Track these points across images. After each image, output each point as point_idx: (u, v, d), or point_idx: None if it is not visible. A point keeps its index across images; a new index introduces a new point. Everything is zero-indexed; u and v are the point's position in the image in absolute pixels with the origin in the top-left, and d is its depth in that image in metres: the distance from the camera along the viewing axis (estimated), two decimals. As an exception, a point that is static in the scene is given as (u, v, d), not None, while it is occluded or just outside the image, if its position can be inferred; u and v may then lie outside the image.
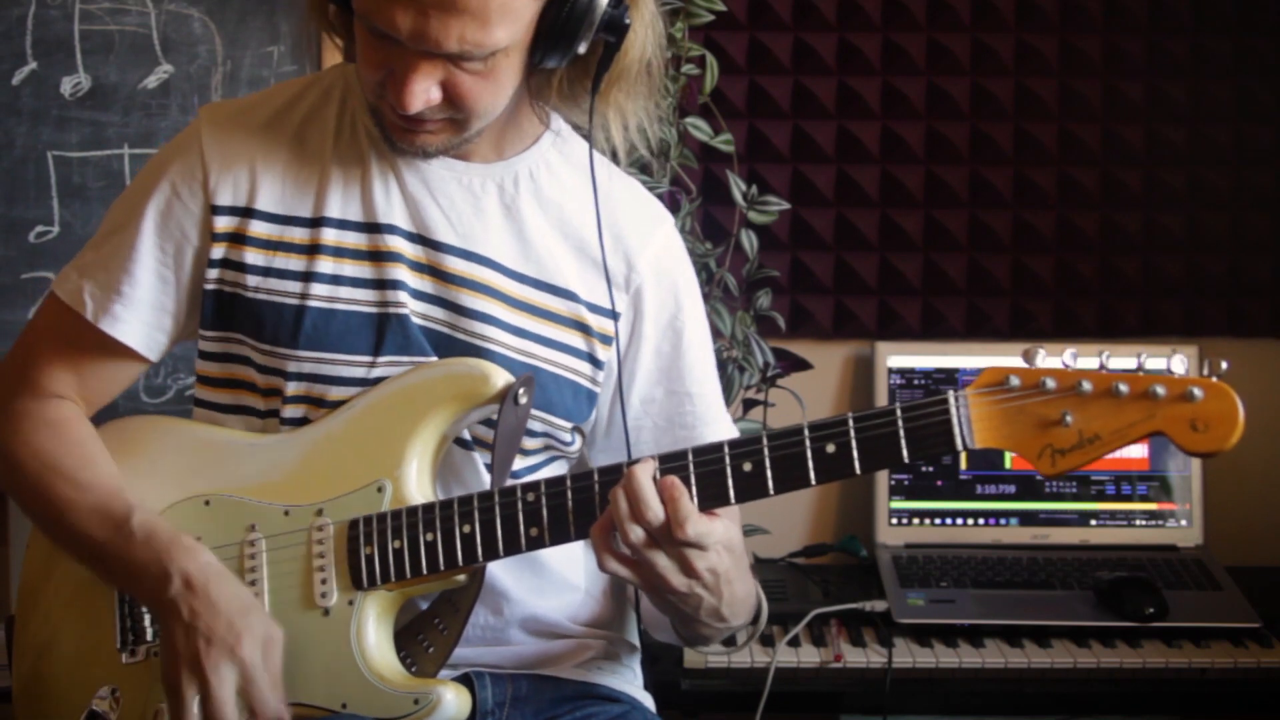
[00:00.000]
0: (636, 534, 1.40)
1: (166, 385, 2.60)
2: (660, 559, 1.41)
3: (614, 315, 1.66)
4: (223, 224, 1.61)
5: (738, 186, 2.59)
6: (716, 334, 2.57)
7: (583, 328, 1.65)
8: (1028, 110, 2.82)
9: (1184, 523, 2.67)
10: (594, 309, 1.66)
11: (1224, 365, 1.34)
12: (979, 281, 2.85)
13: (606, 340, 1.66)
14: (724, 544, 1.43)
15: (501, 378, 1.56)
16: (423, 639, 1.59)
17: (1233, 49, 2.81)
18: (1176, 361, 1.35)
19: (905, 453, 1.40)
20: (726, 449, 1.44)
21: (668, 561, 1.41)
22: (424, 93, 1.46)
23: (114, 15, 2.58)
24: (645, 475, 1.41)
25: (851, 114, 2.82)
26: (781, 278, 2.80)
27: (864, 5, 2.78)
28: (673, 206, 2.56)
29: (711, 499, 1.44)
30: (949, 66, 2.81)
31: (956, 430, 1.38)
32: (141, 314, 1.64)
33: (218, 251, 1.62)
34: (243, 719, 1.47)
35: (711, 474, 1.44)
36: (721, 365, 2.56)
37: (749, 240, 2.63)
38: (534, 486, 1.50)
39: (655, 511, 1.39)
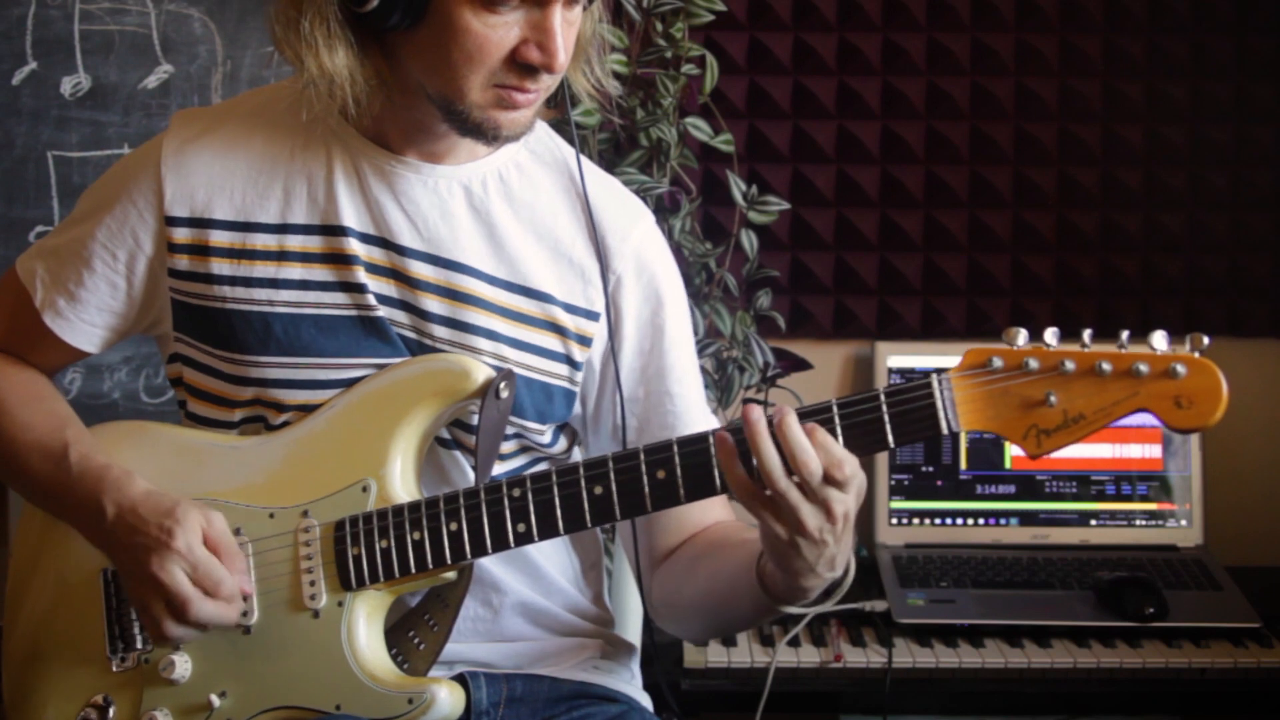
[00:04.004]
0: (784, 483, 1.38)
1: (166, 385, 2.60)
2: (805, 506, 1.38)
3: (593, 315, 1.66)
4: (180, 235, 1.62)
5: (738, 186, 2.59)
6: (716, 334, 2.57)
7: (558, 329, 1.65)
8: (1028, 110, 2.82)
9: (1184, 523, 2.67)
10: (570, 309, 1.65)
11: (1205, 341, 1.33)
12: (979, 281, 2.85)
13: (585, 341, 1.66)
14: (860, 489, 1.41)
15: (482, 373, 1.56)
16: (413, 636, 1.59)
17: (1233, 49, 2.80)
18: (1158, 339, 1.33)
19: (891, 437, 1.40)
20: (711, 438, 1.44)
21: (811, 508, 1.38)
22: (565, 43, 1.47)
23: (114, 15, 2.59)
24: (799, 426, 1.37)
25: (851, 114, 2.82)
26: (781, 278, 2.80)
27: (864, 5, 2.78)
28: (673, 206, 2.56)
29: (702, 488, 1.45)
30: (949, 66, 2.81)
31: (941, 413, 1.38)
32: (84, 314, 1.67)
33: (181, 263, 1.62)
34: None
35: (702, 464, 1.44)
36: (721, 365, 2.56)
37: (749, 240, 2.63)
38: (520, 482, 1.50)
39: (816, 461, 1.36)
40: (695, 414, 1.69)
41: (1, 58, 2.57)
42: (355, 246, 1.60)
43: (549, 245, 1.65)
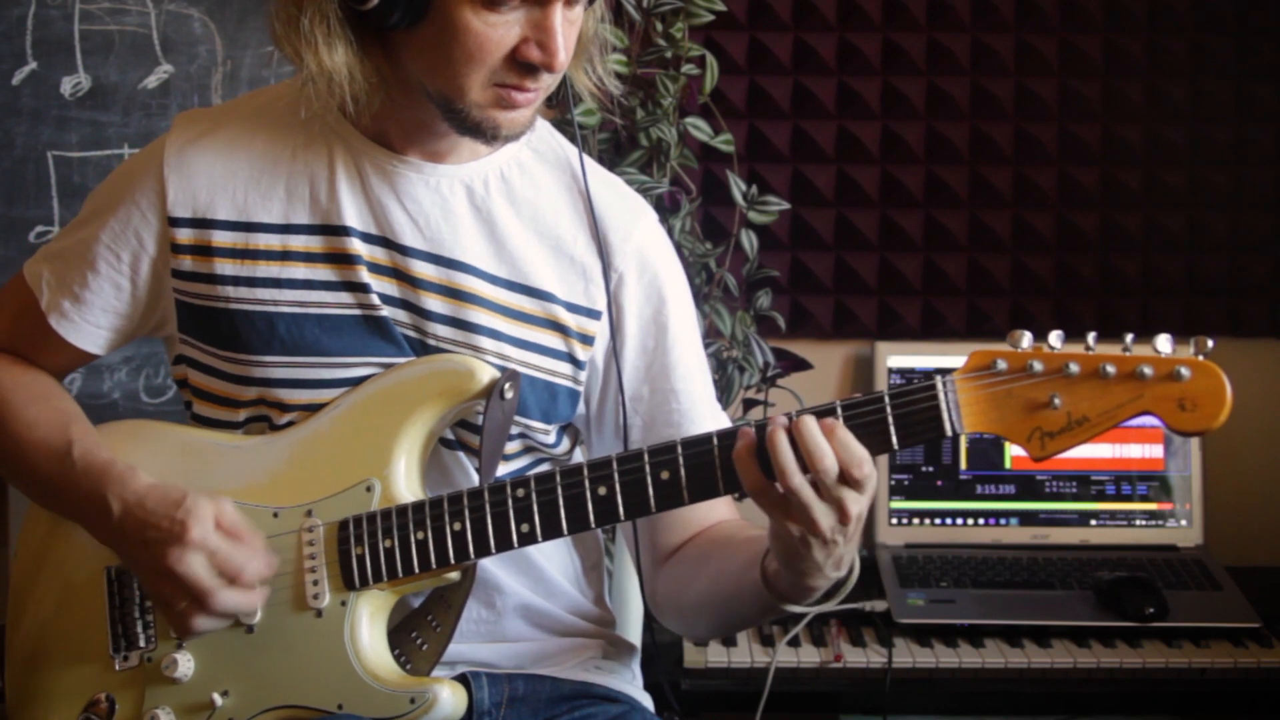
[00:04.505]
0: (798, 481, 1.37)
1: (166, 385, 2.60)
2: (819, 506, 1.38)
3: (595, 314, 1.66)
4: (183, 236, 1.62)
5: (738, 186, 2.59)
6: (716, 334, 2.57)
7: (560, 328, 1.65)
8: (1028, 110, 2.82)
9: (1184, 523, 2.67)
10: (572, 308, 1.65)
11: (1210, 344, 1.33)
12: (979, 281, 2.85)
13: (587, 340, 1.66)
14: (873, 489, 1.41)
15: (486, 373, 1.56)
16: (416, 636, 1.59)
17: (1233, 49, 2.81)
18: (1162, 341, 1.33)
19: (895, 439, 1.39)
20: (715, 439, 1.44)
21: (824, 507, 1.38)
22: (566, 42, 1.47)
23: (114, 15, 2.58)
24: (816, 425, 1.37)
25: (851, 114, 2.82)
26: (781, 278, 2.80)
27: (864, 5, 2.78)
28: (673, 206, 2.56)
29: (706, 489, 1.45)
30: (949, 66, 2.81)
31: (945, 415, 1.38)
32: (89, 316, 1.67)
33: (184, 264, 1.63)
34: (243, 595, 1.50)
35: (705, 465, 1.44)
36: (721, 365, 2.56)
37: (749, 240, 2.63)
38: (524, 482, 1.50)
39: (831, 459, 1.36)
40: (702, 412, 1.69)
41: (1, 58, 2.56)
42: (358, 246, 1.60)
43: (551, 244, 1.65)
